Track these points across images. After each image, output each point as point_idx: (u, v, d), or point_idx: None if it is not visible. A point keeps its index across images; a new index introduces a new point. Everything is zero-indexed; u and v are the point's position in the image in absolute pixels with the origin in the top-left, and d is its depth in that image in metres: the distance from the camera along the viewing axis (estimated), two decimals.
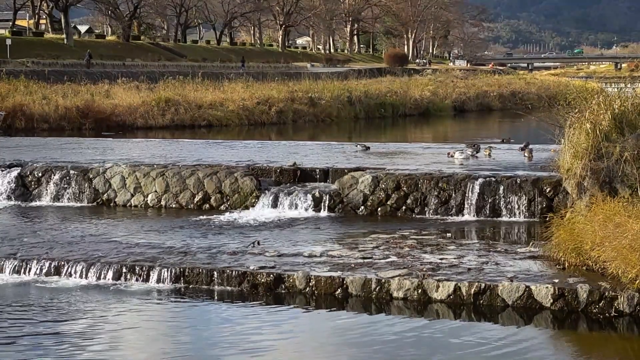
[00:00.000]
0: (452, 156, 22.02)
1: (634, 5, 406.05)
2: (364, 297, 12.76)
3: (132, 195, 20.29)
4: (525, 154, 22.02)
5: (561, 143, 17.19)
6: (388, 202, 18.61)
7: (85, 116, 41.50)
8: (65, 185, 20.59)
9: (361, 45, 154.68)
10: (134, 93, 46.90)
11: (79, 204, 20.32)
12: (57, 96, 43.41)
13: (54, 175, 20.73)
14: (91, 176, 20.58)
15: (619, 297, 11.72)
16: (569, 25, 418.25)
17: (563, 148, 17.06)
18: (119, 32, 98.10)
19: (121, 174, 20.48)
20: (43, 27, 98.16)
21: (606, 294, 11.81)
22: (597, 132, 15.84)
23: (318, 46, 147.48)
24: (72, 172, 20.71)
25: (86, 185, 20.51)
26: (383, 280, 12.78)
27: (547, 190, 17.60)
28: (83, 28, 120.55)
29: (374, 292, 12.74)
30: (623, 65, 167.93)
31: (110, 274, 13.75)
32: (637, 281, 11.57)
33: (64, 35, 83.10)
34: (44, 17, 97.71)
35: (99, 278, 13.73)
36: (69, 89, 46.52)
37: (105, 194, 20.44)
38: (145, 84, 51.44)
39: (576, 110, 17.28)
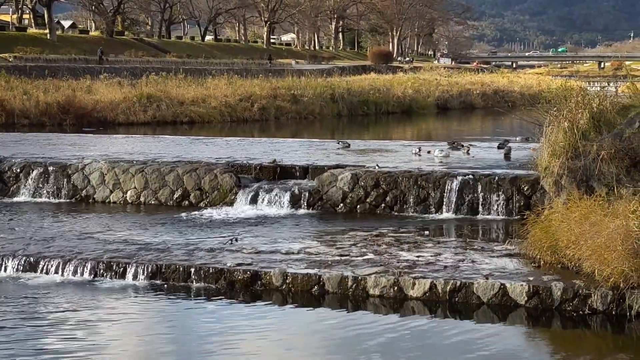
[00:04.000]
0: (415, 154, 22.27)
1: (618, 5, 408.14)
2: (341, 294, 12.77)
3: (111, 192, 20.25)
4: (503, 153, 22.12)
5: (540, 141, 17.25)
6: (367, 200, 18.62)
7: (66, 112, 41.29)
8: (44, 181, 20.51)
9: (346, 43, 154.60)
10: (115, 89, 46.68)
11: (57, 200, 20.26)
12: (38, 91, 43.14)
13: (33, 171, 20.65)
14: (70, 172, 20.52)
15: (592, 295, 11.79)
16: (553, 24, 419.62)
17: (541, 146, 17.11)
18: (103, 27, 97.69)
19: (100, 170, 20.42)
20: (26, 22, 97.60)
21: (580, 292, 11.88)
22: (575, 130, 15.89)
23: (303, 43, 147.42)
24: (50, 168, 20.64)
25: (65, 181, 20.45)
26: (359, 278, 12.80)
27: (525, 188, 17.66)
28: (67, 23, 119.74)
29: (351, 290, 12.76)
30: (606, 64, 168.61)
31: (86, 271, 13.71)
32: (611, 279, 11.63)
33: (47, 31, 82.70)
34: (27, 12, 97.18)
35: (75, 274, 13.68)
36: (50, 85, 46.25)
37: (84, 190, 20.38)
38: (128, 79, 51.21)
39: (555, 108, 17.33)
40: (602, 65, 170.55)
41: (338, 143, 25.40)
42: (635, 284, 11.56)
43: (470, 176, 18.17)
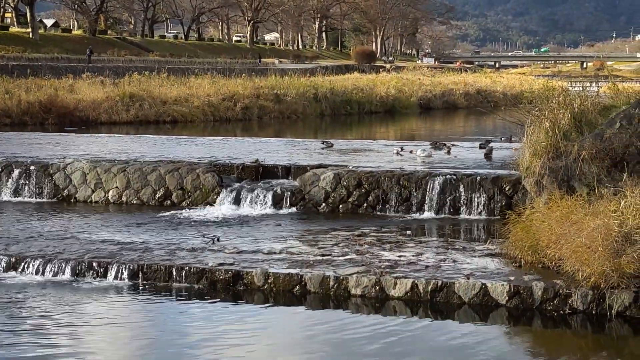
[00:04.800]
0: (397, 154, 22.33)
1: (600, 6, 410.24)
2: (322, 294, 12.77)
3: (93, 191, 20.19)
4: (484, 152, 22.17)
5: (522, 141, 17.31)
6: (349, 200, 18.63)
7: (48, 111, 41.10)
8: (25, 181, 20.43)
9: (329, 42, 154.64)
10: (98, 88, 46.48)
11: (39, 200, 20.19)
12: (20, 90, 42.93)
13: (14, 170, 20.56)
14: (51, 172, 20.44)
15: (573, 294, 11.83)
16: (536, 25, 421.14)
17: (523, 146, 17.17)
18: (86, 26, 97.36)
19: (82, 170, 20.36)
20: (8, 20, 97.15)
21: (561, 291, 11.92)
22: (556, 130, 15.96)
23: (286, 42, 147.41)
24: (32, 167, 20.56)
25: (46, 180, 20.37)
26: (341, 278, 12.81)
27: (507, 188, 17.71)
28: (49, 22, 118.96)
29: (332, 289, 12.76)
30: (589, 64, 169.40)
31: (67, 271, 13.66)
32: (592, 279, 11.69)
33: (29, 29, 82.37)
34: (10, 10, 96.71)
35: (56, 274, 13.63)
36: (32, 84, 46.06)
37: (66, 190, 20.31)
38: (110, 79, 51.02)
39: (536, 108, 17.41)
40: (584, 66, 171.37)
41: (323, 143, 25.39)
42: (615, 284, 11.62)
43: (452, 176, 18.21)
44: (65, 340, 10.91)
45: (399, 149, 22.82)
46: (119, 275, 13.49)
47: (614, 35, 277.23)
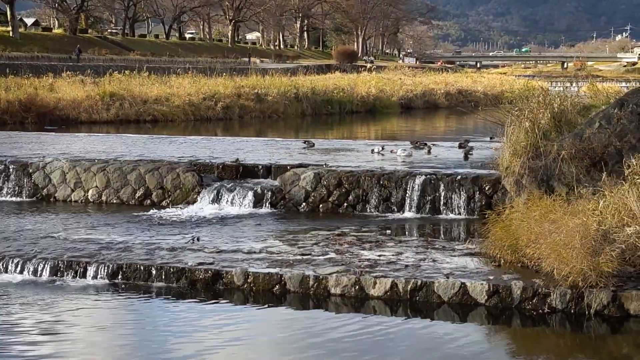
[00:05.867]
0: (378, 153, 22.36)
1: (581, 6, 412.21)
2: (302, 293, 12.77)
3: (73, 191, 20.10)
4: (463, 152, 22.21)
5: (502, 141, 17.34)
6: (330, 199, 18.63)
7: (28, 110, 40.88)
8: (5, 180, 20.32)
9: (311, 42, 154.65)
10: (78, 87, 46.32)
11: (18, 199, 20.10)
12: None
13: None
14: (31, 171, 20.35)
15: (551, 293, 11.88)
16: (516, 25, 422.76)
17: (502, 146, 17.21)
18: (66, 25, 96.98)
19: (61, 169, 20.27)
20: None
21: (539, 290, 11.96)
22: (536, 130, 16.02)
23: (268, 42, 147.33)
24: (11, 166, 20.45)
25: (25, 180, 20.27)
26: (321, 277, 12.80)
27: (487, 187, 17.74)
28: (29, 21, 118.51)
29: (312, 289, 12.76)
30: (569, 64, 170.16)
31: (46, 270, 13.59)
32: (570, 278, 11.73)
33: (9, 28, 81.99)
34: None
35: (35, 274, 13.56)
36: (12, 82, 45.86)
37: (45, 189, 20.22)
38: (91, 77, 50.84)
39: (516, 108, 17.46)
40: (565, 66, 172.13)
41: (304, 143, 25.36)
42: (594, 282, 11.67)
43: (433, 176, 18.23)
44: (44, 339, 10.85)
45: (380, 148, 22.84)
46: (98, 275, 13.44)
47: (595, 35, 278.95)
